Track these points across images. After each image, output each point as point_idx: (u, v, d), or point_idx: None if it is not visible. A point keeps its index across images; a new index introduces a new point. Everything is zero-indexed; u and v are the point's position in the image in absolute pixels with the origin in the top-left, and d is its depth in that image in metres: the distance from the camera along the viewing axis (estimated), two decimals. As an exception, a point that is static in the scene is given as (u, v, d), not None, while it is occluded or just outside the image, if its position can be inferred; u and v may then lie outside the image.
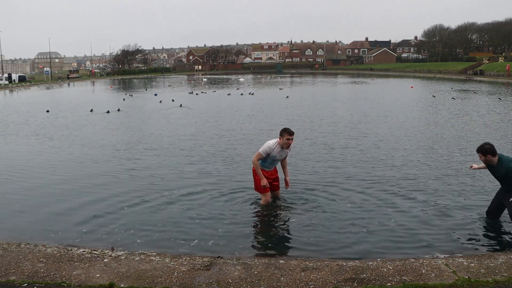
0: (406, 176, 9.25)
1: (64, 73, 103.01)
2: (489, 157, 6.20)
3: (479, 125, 16.30)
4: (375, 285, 4.39)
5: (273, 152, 7.17)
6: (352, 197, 7.85)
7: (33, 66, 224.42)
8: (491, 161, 6.25)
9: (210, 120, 19.52)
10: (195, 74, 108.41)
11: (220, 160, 11.15)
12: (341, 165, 10.38)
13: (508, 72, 57.57)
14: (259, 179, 7.25)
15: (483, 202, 7.39)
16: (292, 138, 7.13)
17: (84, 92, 48.64)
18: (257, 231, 6.50)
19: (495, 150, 6.22)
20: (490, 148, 6.20)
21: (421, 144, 13.00)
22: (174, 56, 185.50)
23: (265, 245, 6.00)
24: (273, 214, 7.17)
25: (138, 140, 14.54)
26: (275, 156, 7.23)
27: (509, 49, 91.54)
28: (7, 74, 79.43)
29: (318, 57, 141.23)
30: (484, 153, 6.22)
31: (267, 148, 7.12)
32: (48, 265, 4.95)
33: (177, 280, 4.58)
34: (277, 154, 7.23)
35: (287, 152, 7.41)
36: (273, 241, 6.11)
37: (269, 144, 7.16)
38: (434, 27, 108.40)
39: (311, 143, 13.33)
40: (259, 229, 6.59)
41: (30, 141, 14.78)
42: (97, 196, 8.11)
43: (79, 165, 10.94)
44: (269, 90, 42.92)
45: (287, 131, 7.08)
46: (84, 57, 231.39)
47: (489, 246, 5.77)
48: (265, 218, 7.04)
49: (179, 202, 7.71)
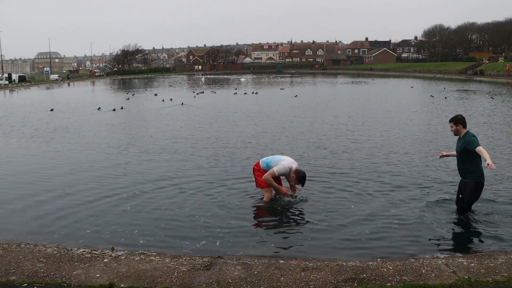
0: (406, 176, 9.25)
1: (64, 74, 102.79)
2: (460, 127, 6.61)
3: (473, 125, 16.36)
4: (375, 285, 4.39)
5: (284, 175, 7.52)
6: (352, 197, 7.85)
7: (33, 66, 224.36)
8: (460, 132, 6.64)
9: (214, 119, 19.51)
10: (195, 74, 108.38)
11: (221, 160, 11.15)
12: (342, 164, 10.38)
13: (508, 72, 57.56)
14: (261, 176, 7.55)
15: (483, 202, 7.40)
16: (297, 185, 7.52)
17: (85, 92, 48.68)
18: (257, 231, 6.50)
19: (465, 122, 6.67)
20: (462, 119, 6.64)
21: (421, 144, 13.00)
22: (174, 56, 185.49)
23: (265, 245, 6.00)
24: (273, 214, 7.18)
25: (139, 139, 14.55)
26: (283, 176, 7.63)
27: (509, 49, 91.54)
28: (7, 74, 79.43)
29: (318, 57, 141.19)
30: (456, 123, 6.62)
31: (283, 171, 7.40)
32: (48, 265, 4.95)
33: (177, 280, 4.58)
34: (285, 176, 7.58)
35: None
36: (273, 241, 6.11)
37: (285, 167, 7.38)
38: (434, 27, 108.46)
39: (311, 144, 13.33)
40: (259, 229, 6.59)
41: (37, 139, 14.78)
42: (97, 196, 8.10)
43: (80, 164, 10.93)
44: (271, 90, 42.90)
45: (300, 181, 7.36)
46: (84, 57, 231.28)
47: (489, 246, 5.76)
48: (265, 218, 7.05)
49: (179, 202, 7.70)
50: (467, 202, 6.69)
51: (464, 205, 6.72)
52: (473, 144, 6.34)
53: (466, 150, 6.42)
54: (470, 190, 6.55)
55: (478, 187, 6.59)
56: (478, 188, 6.60)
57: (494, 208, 7.15)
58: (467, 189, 6.59)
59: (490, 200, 7.55)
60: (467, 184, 6.57)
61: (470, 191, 6.56)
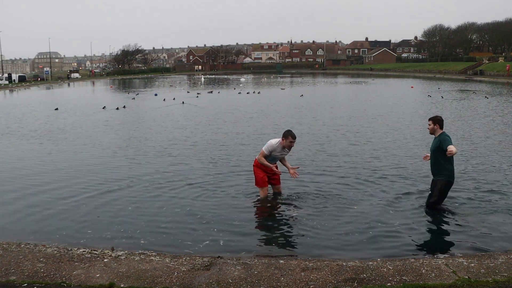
0: (406, 176, 9.25)
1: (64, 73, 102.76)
2: (437, 127, 6.91)
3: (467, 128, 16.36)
4: (375, 285, 4.39)
5: (275, 152, 7.51)
6: (352, 197, 7.85)
7: (33, 66, 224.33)
8: (436, 132, 6.93)
9: (214, 118, 19.52)
10: (195, 74, 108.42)
11: (223, 159, 11.15)
12: (342, 165, 10.37)
13: (508, 72, 57.57)
14: (260, 174, 7.68)
15: (483, 202, 7.40)
16: (294, 141, 7.48)
17: (86, 92, 48.71)
18: (257, 231, 6.50)
19: (443, 124, 6.97)
20: (440, 119, 6.98)
21: (422, 144, 13.00)
22: (174, 56, 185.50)
23: (265, 245, 6.00)
24: (273, 214, 7.19)
25: (139, 138, 14.55)
26: (276, 155, 7.58)
27: (509, 49, 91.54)
28: (7, 74, 79.43)
29: (318, 57, 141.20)
30: (434, 122, 6.94)
31: (269, 147, 7.50)
32: (48, 265, 4.95)
33: (177, 280, 4.58)
34: (278, 153, 7.59)
35: (287, 152, 7.69)
36: (273, 241, 6.11)
37: (272, 143, 7.52)
38: (434, 27, 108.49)
39: (312, 144, 13.33)
40: (259, 229, 6.59)
41: (37, 140, 14.79)
42: (97, 196, 8.10)
43: (80, 163, 10.94)
44: (271, 90, 42.91)
45: (291, 135, 7.39)
46: (84, 57, 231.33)
47: (489, 246, 5.76)
48: (265, 218, 7.05)
49: (179, 202, 7.71)
50: (435, 199, 6.96)
51: (432, 200, 7.01)
52: (446, 142, 6.66)
53: (440, 149, 6.75)
54: (440, 188, 6.89)
55: (448, 186, 6.95)
56: (448, 187, 6.96)
57: (494, 208, 7.15)
58: (437, 186, 6.93)
59: (490, 200, 7.55)
60: (438, 182, 6.92)
61: (439, 188, 6.90)
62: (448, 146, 6.53)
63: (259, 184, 7.77)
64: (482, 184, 8.52)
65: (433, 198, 6.99)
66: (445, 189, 6.94)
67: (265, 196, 7.76)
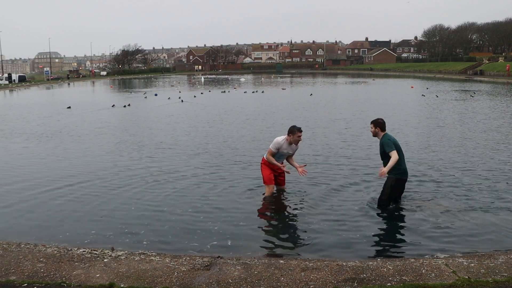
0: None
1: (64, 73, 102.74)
2: (378, 130, 6.99)
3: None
4: (375, 285, 4.39)
5: (282, 149, 7.64)
6: (353, 197, 7.85)
7: (33, 66, 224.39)
8: (378, 134, 7.02)
9: (213, 117, 19.53)
10: (195, 74, 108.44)
11: (223, 159, 11.16)
12: (342, 165, 10.37)
13: (508, 72, 57.56)
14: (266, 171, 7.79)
15: (483, 202, 7.40)
16: (301, 135, 7.59)
17: (87, 92, 48.73)
18: (258, 231, 6.50)
19: (384, 126, 7.02)
20: (381, 122, 7.02)
21: (421, 144, 13.01)
22: (174, 56, 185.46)
23: (265, 245, 6.00)
24: (273, 214, 7.20)
25: (140, 139, 14.55)
26: (283, 151, 7.70)
27: (509, 49, 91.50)
28: (7, 74, 79.43)
29: (318, 57, 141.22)
30: (375, 125, 7.00)
31: (276, 144, 7.64)
32: (48, 265, 4.95)
33: (177, 280, 4.58)
34: (286, 150, 7.69)
35: (296, 148, 7.82)
36: (273, 241, 6.11)
37: (278, 140, 7.65)
38: (434, 27, 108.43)
39: (312, 143, 13.33)
40: (260, 229, 6.58)
41: (39, 140, 14.79)
42: (97, 196, 8.10)
43: (81, 162, 10.94)
44: (272, 90, 42.91)
45: (297, 129, 7.53)
46: (84, 57, 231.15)
47: (489, 246, 5.76)
48: (265, 218, 7.05)
49: (179, 202, 7.70)
50: (384, 196, 7.03)
51: (383, 197, 7.07)
52: (387, 147, 6.79)
53: (385, 152, 6.86)
54: (389, 185, 6.98)
55: (398, 183, 7.03)
56: (398, 184, 7.05)
57: (494, 208, 7.15)
58: (387, 183, 7.03)
59: (490, 200, 7.55)
60: (388, 179, 6.98)
61: (388, 185, 6.99)
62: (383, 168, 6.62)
63: (265, 182, 7.86)
64: (482, 184, 8.51)
65: (383, 196, 7.06)
66: (396, 186, 7.00)
67: (270, 195, 7.81)
